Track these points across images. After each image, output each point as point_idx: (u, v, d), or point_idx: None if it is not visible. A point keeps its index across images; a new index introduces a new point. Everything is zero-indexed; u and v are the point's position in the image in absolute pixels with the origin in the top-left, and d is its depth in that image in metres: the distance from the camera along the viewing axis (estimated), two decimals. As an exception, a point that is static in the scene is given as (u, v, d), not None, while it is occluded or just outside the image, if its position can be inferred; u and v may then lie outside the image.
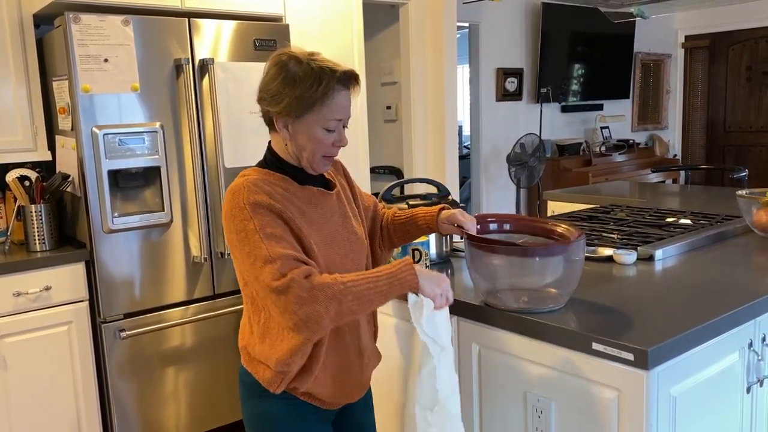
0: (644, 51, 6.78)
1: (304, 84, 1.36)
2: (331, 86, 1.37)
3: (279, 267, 1.29)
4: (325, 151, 1.43)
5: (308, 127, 1.40)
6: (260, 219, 1.34)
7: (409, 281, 1.37)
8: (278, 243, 1.32)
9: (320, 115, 1.39)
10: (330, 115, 1.39)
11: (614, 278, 1.82)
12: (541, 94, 5.75)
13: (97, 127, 2.54)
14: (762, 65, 6.66)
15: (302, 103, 1.37)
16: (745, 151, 6.88)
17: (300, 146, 1.42)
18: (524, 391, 1.56)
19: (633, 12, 2.93)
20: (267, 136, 1.52)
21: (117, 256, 2.63)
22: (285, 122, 1.41)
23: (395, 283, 1.36)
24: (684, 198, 3.25)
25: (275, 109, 1.40)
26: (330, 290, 1.29)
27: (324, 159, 1.45)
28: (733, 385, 1.58)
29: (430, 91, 4.39)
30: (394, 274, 1.36)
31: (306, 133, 1.41)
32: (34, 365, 2.56)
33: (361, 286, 1.32)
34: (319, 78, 1.37)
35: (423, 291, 1.39)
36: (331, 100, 1.38)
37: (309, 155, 1.43)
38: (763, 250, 2.11)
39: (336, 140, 1.43)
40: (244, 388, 1.51)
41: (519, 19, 5.71)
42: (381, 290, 1.34)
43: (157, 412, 2.77)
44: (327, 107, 1.38)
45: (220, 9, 2.88)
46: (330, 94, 1.38)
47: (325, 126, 1.40)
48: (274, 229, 1.34)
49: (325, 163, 1.46)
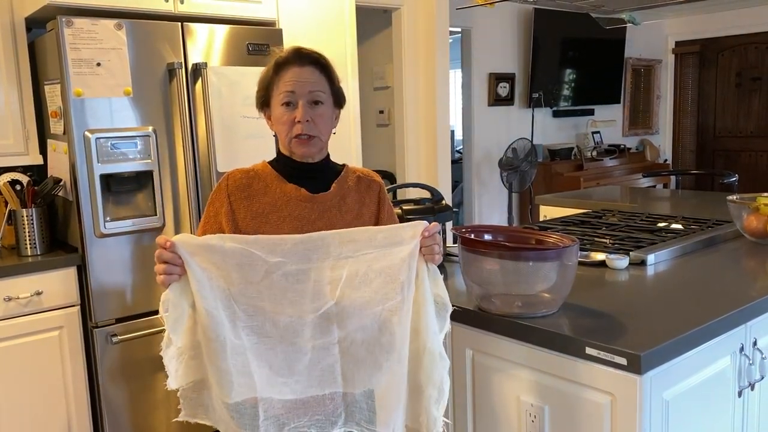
0: (635, 56, 6.82)
1: (268, 71, 1.52)
2: (280, 64, 1.49)
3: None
4: (290, 131, 1.49)
5: (273, 111, 1.52)
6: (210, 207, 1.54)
7: None
8: (202, 225, 1.52)
9: (276, 94, 1.50)
10: (281, 89, 1.48)
11: (607, 283, 1.83)
12: (532, 99, 5.78)
13: (89, 131, 2.53)
14: (751, 71, 6.72)
15: (262, 87, 1.53)
16: (735, 156, 6.93)
17: (277, 133, 1.54)
18: (517, 396, 1.56)
19: (624, 18, 2.95)
20: (259, 140, 1.55)
21: (109, 260, 2.62)
22: (266, 114, 1.56)
23: None
24: (675, 203, 3.27)
25: (258, 102, 1.55)
26: None
27: (296, 140, 1.49)
28: (724, 389, 1.59)
29: (422, 96, 4.40)
30: None
31: (273, 117, 1.53)
32: (25, 370, 2.55)
33: None
34: (274, 62, 1.51)
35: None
36: (280, 77, 1.49)
37: (283, 138, 1.52)
38: (754, 254, 2.12)
39: (294, 117, 1.48)
40: None
41: (511, 25, 5.74)
42: None
43: (149, 417, 2.76)
44: (278, 84, 1.49)
45: (214, 13, 2.88)
46: (279, 72, 1.49)
47: (280, 101, 1.48)
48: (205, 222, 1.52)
49: (299, 144, 1.50)
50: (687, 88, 7.19)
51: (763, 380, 1.70)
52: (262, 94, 1.54)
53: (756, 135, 6.76)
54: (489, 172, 5.73)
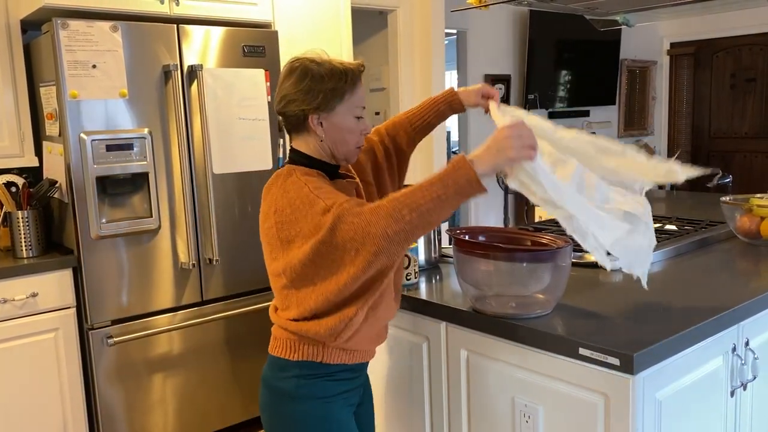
0: (630, 58, 6.84)
1: (333, 78, 1.47)
2: (355, 78, 1.50)
3: (334, 210, 1.31)
4: (357, 141, 1.52)
5: (341, 119, 1.49)
6: (315, 185, 1.40)
7: (465, 178, 1.29)
8: (335, 195, 1.36)
9: (350, 105, 1.49)
10: (358, 103, 1.50)
11: (601, 284, 1.84)
12: (528, 101, 5.79)
13: (84, 133, 2.53)
14: (745, 72, 6.74)
15: (335, 94, 1.47)
16: (729, 157, 6.96)
17: (335, 140, 1.50)
18: (512, 396, 1.57)
19: (619, 20, 2.96)
20: (254, 142, 1.55)
21: (104, 262, 2.62)
22: (320, 118, 1.48)
23: (450, 183, 1.29)
24: (669, 204, 3.28)
25: (311, 106, 1.46)
26: (382, 210, 1.28)
27: (356, 149, 1.54)
28: (717, 389, 1.60)
29: (418, 97, 4.41)
30: (446, 173, 1.30)
31: (340, 124, 1.49)
32: (21, 372, 2.55)
33: (414, 196, 1.28)
34: (344, 72, 1.48)
35: (502, 170, 1.36)
36: (356, 90, 1.50)
37: (345, 147, 1.51)
38: (747, 255, 2.14)
39: (363, 129, 1.53)
40: (274, 395, 1.51)
41: (506, 26, 5.75)
42: (438, 195, 1.28)
43: (145, 419, 2.76)
44: (355, 96, 1.50)
45: (209, 15, 2.88)
46: (356, 85, 1.50)
47: (355, 114, 1.50)
48: (330, 189, 1.40)
49: (356, 153, 1.55)
50: (682, 90, 7.21)
51: (756, 380, 1.71)
52: (333, 95, 1.46)
53: (750, 136, 6.79)
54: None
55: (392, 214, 1.27)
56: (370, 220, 1.28)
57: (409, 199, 1.28)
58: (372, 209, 1.29)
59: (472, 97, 1.76)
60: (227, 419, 3.00)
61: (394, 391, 1.90)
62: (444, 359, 1.73)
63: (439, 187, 1.28)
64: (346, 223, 1.29)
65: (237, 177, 2.90)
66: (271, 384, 1.52)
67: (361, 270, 1.32)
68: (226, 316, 2.93)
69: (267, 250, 1.47)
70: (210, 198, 2.83)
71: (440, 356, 1.74)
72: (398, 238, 1.28)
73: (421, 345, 1.79)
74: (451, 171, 1.30)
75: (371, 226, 1.27)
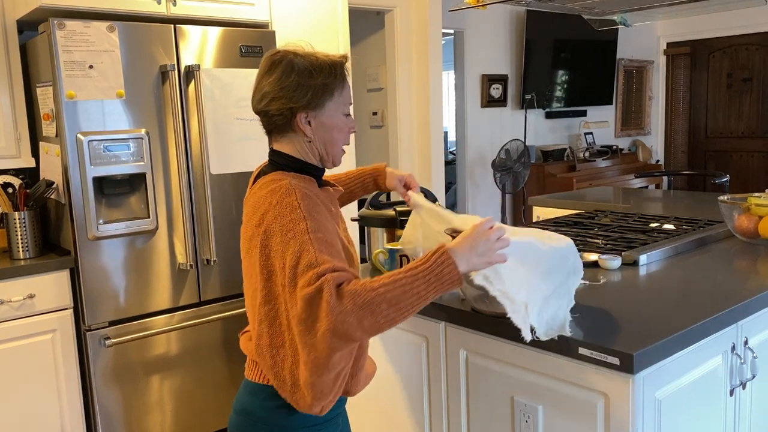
0: (627, 58, 6.85)
1: (323, 73, 1.38)
2: (344, 72, 1.43)
3: (318, 272, 1.20)
4: (345, 140, 1.47)
5: (330, 117, 1.41)
6: (314, 221, 1.28)
7: (449, 277, 1.22)
8: (327, 250, 1.25)
9: (339, 101, 1.42)
10: (347, 99, 1.44)
11: (600, 284, 1.84)
12: (525, 101, 5.80)
13: (81, 133, 2.52)
14: (742, 72, 6.76)
15: (326, 90, 1.39)
16: (726, 156, 6.98)
17: (324, 139, 1.42)
18: (511, 396, 1.57)
19: (616, 20, 2.96)
20: (252, 143, 1.52)
21: (102, 263, 2.61)
22: (308, 117, 1.39)
23: (433, 281, 1.21)
24: (667, 203, 3.29)
25: (300, 103, 1.37)
26: (359, 298, 1.17)
27: (343, 151, 1.48)
28: (716, 388, 1.60)
29: (415, 97, 4.41)
30: (430, 270, 1.21)
31: (329, 122, 1.41)
32: (18, 374, 2.54)
33: (395, 291, 1.19)
34: (332, 65, 1.40)
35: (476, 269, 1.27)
36: (345, 85, 1.44)
37: (334, 146, 1.44)
38: (745, 254, 2.14)
39: (351, 126, 1.47)
40: (253, 424, 1.39)
41: (503, 26, 5.75)
42: (418, 292, 1.20)
43: (143, 420, 2.75)
44: (344, 92, 1.43)
45: (206, 15, 2.88)
46: (345, 80, 1.43)
47: (343, 111, 1.43)
48: (325, 235, 1.27)
49: (342, 155, 1.49)
50: (678, 89, 7.23)
51: (755, 379, 1.71)
52: (323, 92, 1.38)
53: (747, 135, 6.81)
54: (482, 174, 5.75)
55: (369, 306, 1.17)
56: (347, 307, 1.17)
57: (390, 293, 1.18)
58: (351, 294, 1.18)
59: (393, 180, 1.74)
60: (225, 420, 3.00)
61: (393, 391, 1.90)
62: (443, 359, 1.73)
63: (421, 284, 1.20)
64: (324, 301, 1.18)
65: (234, 177, 2.89)
66: (249, 410, 1.39)
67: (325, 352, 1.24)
68: (224, 317, 2.92)
69: (246, 263, 1.38)
70: (207, 199, 2.82)
71: (439, 356, 1.74)
72: (372, 330, 1.20)
73: (421, 345, 1.79)
74: (435, 267, 1.22)
75: (347, 315, 1.17)
